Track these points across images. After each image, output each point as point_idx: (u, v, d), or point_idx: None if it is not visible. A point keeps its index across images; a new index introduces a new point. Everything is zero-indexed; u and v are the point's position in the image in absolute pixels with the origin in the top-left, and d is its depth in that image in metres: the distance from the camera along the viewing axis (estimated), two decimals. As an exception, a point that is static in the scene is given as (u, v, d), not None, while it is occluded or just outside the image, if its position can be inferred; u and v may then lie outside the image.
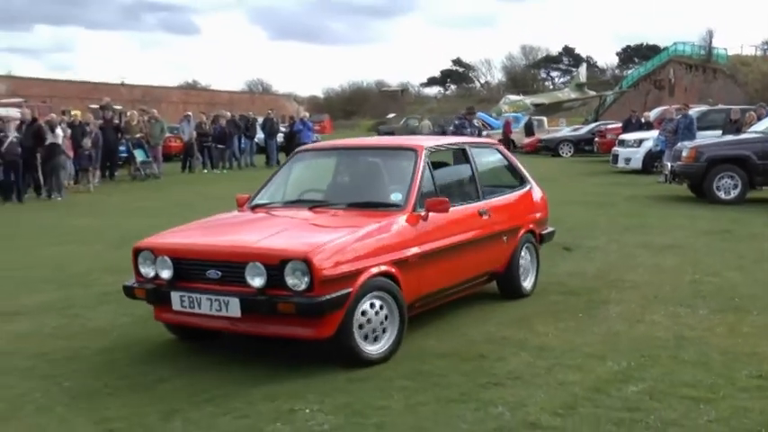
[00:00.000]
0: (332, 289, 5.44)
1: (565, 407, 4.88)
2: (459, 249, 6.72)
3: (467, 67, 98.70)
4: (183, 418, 4.90)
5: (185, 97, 64.68)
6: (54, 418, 4.93)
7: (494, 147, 8.57)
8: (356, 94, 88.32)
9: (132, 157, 24.59)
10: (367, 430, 4.63)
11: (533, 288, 7.91)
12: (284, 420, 4.80)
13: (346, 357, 5.71)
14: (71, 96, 48.14)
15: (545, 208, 8.43)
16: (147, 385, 5.46)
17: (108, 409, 5.06)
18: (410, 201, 6.42)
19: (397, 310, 5.93)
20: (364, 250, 5.79)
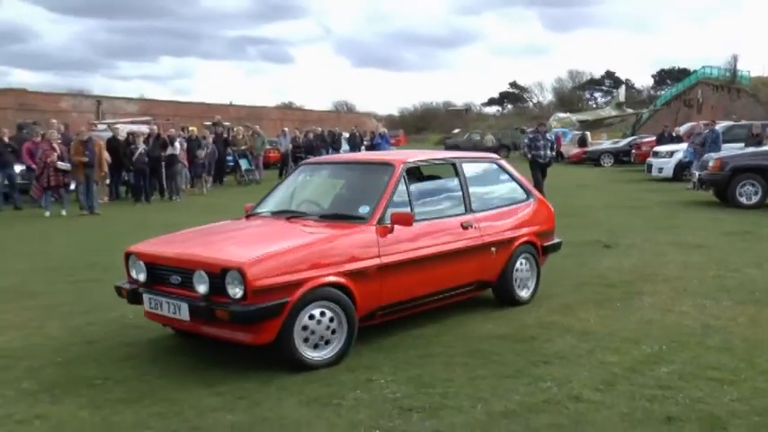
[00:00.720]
0: (266, 298, 4.99)
1: (604, 383, 4.82)
2: (434, 260, 6.07)
3: (521, 89, 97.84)
4: (277, 384, 4.95)
5: (282, 115, 65.23)
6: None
7: (494, 162, 7.62)
8: (426, 112, 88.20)
9: (238, 165, 24.95)
10: (433, 399, 4.61)
11: (532, 296, 7.13)
12: (363, 389, 4.82)
13: (288, 362, 5.20)
14: (189, 115, 48.98)
15: (549, 221, 7.55)
16: (251, 356, 5.54)
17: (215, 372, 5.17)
18: (375, 214, 5.81)
19: (345, 320, 5.37)
20: (309, 261, 5.25)
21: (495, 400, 4.58)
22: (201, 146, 21.71)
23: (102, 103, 46.16)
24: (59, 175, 16.20)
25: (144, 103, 55.04)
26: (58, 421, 4.45)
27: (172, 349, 5.84)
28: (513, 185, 7.44)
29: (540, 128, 16.29)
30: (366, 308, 5.62)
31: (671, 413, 4.32)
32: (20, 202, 17.85)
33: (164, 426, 4.34)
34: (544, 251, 7.43)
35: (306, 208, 6.47)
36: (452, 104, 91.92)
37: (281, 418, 4.40)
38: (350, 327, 5.42)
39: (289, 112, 70.83)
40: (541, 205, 7.52)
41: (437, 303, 6.41)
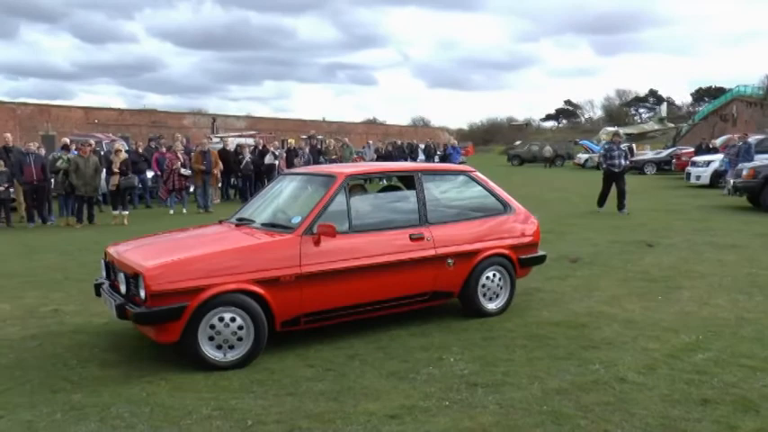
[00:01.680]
0: (165, 302, 4.65)
1: (647, 368, 4.67)
2: (369, 271, 5.38)
3: (575, 106, 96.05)
4: (360, 359, 4.96)
5: (367, 129, 65.60)
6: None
7: (466, 174, 6.60)
8: (492, 126, 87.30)
9: (329, 172, 25.17)
10: (496, 376, 4.55)
11: (504, 308, 6.22)
12: (435, 365, 4.79)
13: (193, 361, 4.84)
14: (288, 129, 49.73)
15: (530, 233, 6.48)
16: (339, 335, 5.58)
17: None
18: (303, 224, 5.27)
19: (252, 327, 4.90)
20: (217, 268, 4.83)
21: (549, 378, 4.50)
22: (298, 155, 21.96)
23: (217, 120, 47.31)
24: (182, 179, 16.72)
25: (250, 120, 56.15)
26: (178, 382, 4.58)
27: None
28: (486, 197, 6.49)
29: (615, 138, 15.08)
30: (286, 314, 5.12)
31: (707, 396, 4.16)
32: (150, 202, 18.46)
33: (264, 391, 4.40)
34: (522, 264, 6.41)
35: (258, 215, 5.98)
36: (514, 119, 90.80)
37: (363, 387, 4.40)
38: (257, 333, 4.93)
39: (373, 127, 71.16)
40: (520, 217, 6.50)
41: (383, 312, 5.66)
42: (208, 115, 54.12)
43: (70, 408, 4.20)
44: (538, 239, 6.58)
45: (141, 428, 3.88)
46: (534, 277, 7.66)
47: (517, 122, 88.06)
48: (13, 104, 45.23)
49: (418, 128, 78.80)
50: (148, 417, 4.03)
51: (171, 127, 44.47)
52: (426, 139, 36.93)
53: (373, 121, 79.78)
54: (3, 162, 14.09)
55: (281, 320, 5.12)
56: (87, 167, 14.06)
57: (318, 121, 62.67)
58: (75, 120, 45.65)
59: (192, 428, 3.85)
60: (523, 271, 6.54)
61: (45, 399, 4.35)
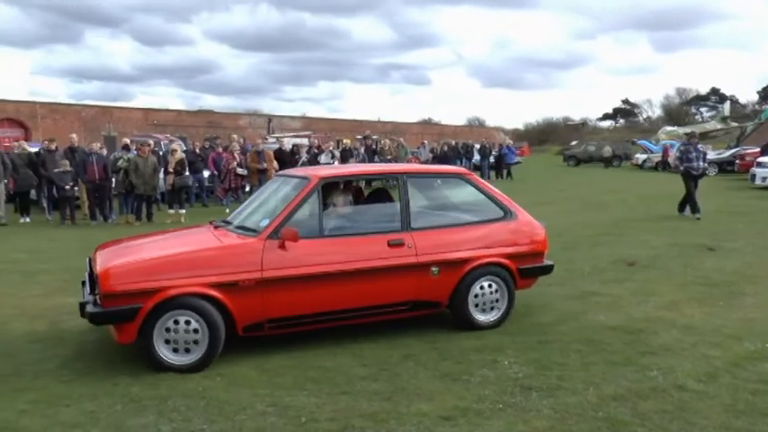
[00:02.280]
0: (119, 303, 4.65)
1: (707, 376, 4.54)
2: (338, 278, 5.14)
3: (633, 105, 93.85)
4: (414, 360, 4.96)
5: (422, 130, 65.48)
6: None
7: (461, 177, 6.18)
8: (547, 126, 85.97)
9: (384, 172, 25.23)
10: (550, 380, 4.50)
11: (500, 321, 5.80)
12: (489, 368, 4.76)
13: (151, 362, 4.81)
14: (343, 130, 50.03)
15: (534, 241, 6.01)
16: (394, 334, 5.58)
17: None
18: (268, 228, 5.12)
19: (206, 329, 4.81)
20: (173, 271, 4.78)
21: (605, 384, 4.41)
22: (353, 155, 22.10)
23: (272, 120, 47.86)
24: (238, 179, 17.03)
25: (305, 120, 56.68)
26: (233, 378, 4.67)
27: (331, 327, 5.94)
28: (483, 202, 6.06)
29: (692, 139, 14.13)
30: (248, 320, 4.99)
31: (773, 406, 4.02)
32: (207, 200, 18.81)
33: (317, 389, 4.44)
34: (523, 274, 5.94)
35: (239, 217, 5.86)
36: (570, 119, 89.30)
37: (416, 388, 4.40)
38: (212, 337, 4.83)
39: (428, 127, 71.05)
40: (522, 224, 6.03)
41: (360, 320, 5.43)
42: (264, 116, 54.81)
43: (129, 400, 4.32)
44: (544, 248, 6.12)
45: (197, 422, 3.96)
46: (590, 280, 7.55)
47: (573, 122, 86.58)
48: (78, 106, 46.72)
49: (473, 128, 78.26)
50: (204, 410, 4.12)
51: (227, 127, 45.21)
52: (481, 139, 36.62)
53: (428, 122, 79.55)
54: (68, 162, 14.60)
55: (242, 325, 5.01)
56: (146, 167, 14.41)
57: (373, 121, 62.84)
58: (136, 121, 46.84)
59: (246, 424, 3.91)
60: (526, 282, 6.07)
61: (106, 390, 4.48)
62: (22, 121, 42.56)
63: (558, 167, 39.72)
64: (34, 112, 43.25)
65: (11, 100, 43.33)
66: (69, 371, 4.88)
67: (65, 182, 14.34)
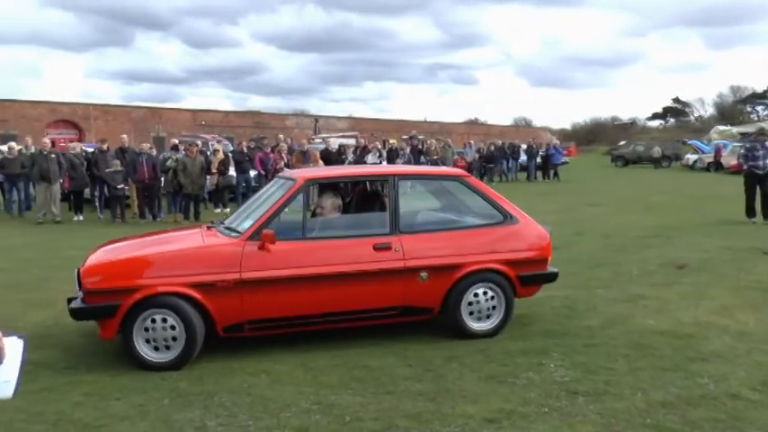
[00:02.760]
0: (99, 300, 4.77)
1: (763, 384, 4.39)
2: (320, 281, 5.09)
3: (683, 104, 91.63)
4: (459, 361, 4.93)
5: (468, 130, 65.20)
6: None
7: (457, 179, 5.96)
8: (595, 126, 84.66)
9: (430, 172, 25.18)
10: (597, 384, 4.42)
11: (496, 330, 5.55)
12: (534, 371, 4.71)
13: (130, 359, 4.88)
14: (390, 130, 50.09)
15: (535, 247, 5.71)
16: (439, 335, 5.57)
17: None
18: (249, 229, 5.13)
19: (183, 328, 4.84)
20: (152, 270, 4.88)
21: (653, 390, 4.32)
22: (399, 155, 22.12)
23: (319, 121, 48.16)
24: (285, 178, 17.18)
25: (352, 121, 56.99)
26: (278, 376, 4.71)
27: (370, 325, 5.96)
28: (481, 206, 5.86)
29: (760, 137, 13.00)
30: (227, 320, 5.00)
31: (831, 416, 3.88)
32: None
33: (362, 388, 4.45)
34: (523, 282, 5.66)
35: (232, 218, 5.88)
36: (618, 119, 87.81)
37: (461, 390, 4.38)
38: (189, 336, 4.86)
39: (474, 127, 70.77)
40: (523, 229, 5.74)
41: (345, 324, 5.36)
42: (310, 116, 55.29)
43: (177, 394, 4.40)
44: (547, 254, 5.80)
45: (242, 418, 4.01)
46: (638, 283, 7.42)
47: (621, 122, 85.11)
48: (128, 108, 47.88)
49: (520, 128, 77.61)
50: (249, 407, 4.17)
51: (274, 128, 45.69)
52: (528, 139, 36.29)
53: (475, 122, 79.19)
54: (119, 162, 14.99)
55: (221, 326, 5.03)
56: (194, 167, 14.68)
57: (420, 121, 62.86)
58: (184, 121, 47.68)
59: (291, 421, 3.95)
60: (527, 290, 5.79)
61: (154, 385, 4.58)
62: (77, 122, 43.74)
63: (605, 168, 39.13)
64: (87, 113, 44.41)
65: (66, 102, 44.65)
66: (120, 365, 4.98)
67: (116, 181, 14.74)
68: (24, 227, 13.99)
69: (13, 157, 15.99)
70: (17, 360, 2.49)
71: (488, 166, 27.08)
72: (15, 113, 40.75)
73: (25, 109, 41.82)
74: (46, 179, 14.77)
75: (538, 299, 6.71)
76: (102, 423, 3.99)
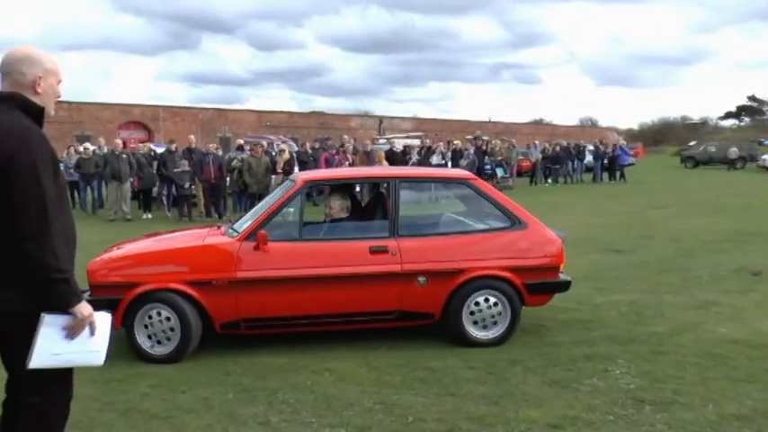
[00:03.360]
0: (103, 293, 4.99)
1: (844, 397, 4.17)
2: (313, 282, 5.12)
3: (760, 102, 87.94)
4: (523, 365, 4.88)
5: (533, 130, 64.49)
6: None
7: (464, 182, 5.80)
8: (664, 126, 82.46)
9: (494, 173, 24.97)
10: (665, 394, 4.29)
11: (501, 339, 5.36)
12: (599, 377, 4.61)
13: (132, 350, 5.10)
14: (454, 130, 49.94)
15: (546, 254, 5.47)
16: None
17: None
18: (246, 230, 5.24)
19: (179, 323, 5.02)
20: (152, 267, 5.12)
21: (726, 402, 4.16)
22: (464, 156, 22.01)
23: (383, 121, 48.32)
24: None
25: (416, 121, 57.04)
26: (341, 374, 4.75)
27: (434, 326, 5.96)
28: (487, 210, 5.70)
29: None
30: (223, 317, 5.13)
31: None
32: (319, 200, 19.19)
33: (425, 389, 4.44)
34: (532, 290, 5.42)
35: (242, 219, 5.95)
36: (689, 118, 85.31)
37: (524, 394, 4.33)
38: (184, 332, 5.03)
39: (539, 127, 69.96)
40: (533, 235, 5.50)
41: (342, 326, 5.37)
42: (374, 117, 55.57)
43: (241, 389, 4.49)
44: (558, 262, 5.51)
45: (305, 415, 4.06)
46: (709, 289, 7.19)
47: (692, 121, 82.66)
48: (195, 109, 49.04)
49: (585, 128, 76.30)
50: (312, 404, 4.22)
51: (339, 128, 46.13)
52: (594, 139, 35.56)
53: (540, 122, 78.24)
54: (186, 162, 15.39)
55: (219, 323, 5.16)
56: (259, 167, 14.92)
57: (484, 121, 62.50)
58: (249, 122, 48.54)
59: (354, 420, 3.98)
60: (536, 298, 5.54)
61: (219, 379, 4.69)
62: (146, 123, 45.06)
63: (674, 169, 38.01)
64: (156, 115, 45.70)
65: (136, 104, 46.07)
66: (186, 359, 5.12)
67: (183, 181, 15.15)
68: (97, 224, 14.48)
69: (88, 158, 16.70)
70: (106, 333, 2.79)
71: (553, 166, 26.65)
72: (90, 115, 42.26)
73: (99, 111, 43.33)
74: (117, 178, 15.30)
75: (603, 304, 6.61)
76: (169, 414, 4.10)
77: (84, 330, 2.68)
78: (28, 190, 2.52)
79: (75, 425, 3.95)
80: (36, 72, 2.67)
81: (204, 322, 5.16)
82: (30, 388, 2.71)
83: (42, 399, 2.71)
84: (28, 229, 2.51)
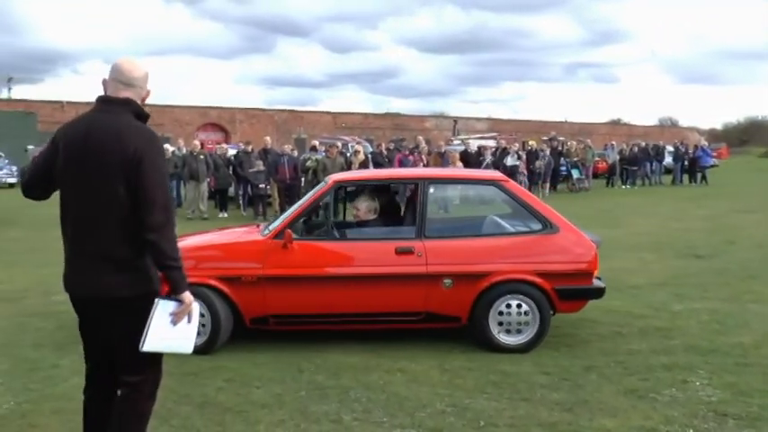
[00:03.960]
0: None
1: None
2: (337, 281, 5.19)
3: None
4: (598, 372, 4.78)
5: (610, 130, 62.97)
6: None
7: (494, 183, 5.66)
8: (750, 125, 78.90)
9: (570, 174, 24.53)
10: (750, 408, 4.10)
11: (529, 345, 5.23)
12: (678, 388, 4.46)
13: None
14: (529, 131, 49.31)
15: (579, 260, 5.27)
16: (572, 345, 5.44)
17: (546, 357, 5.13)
18: (276, 228, 5.38)
19: (210, 318, 5.20)
20: (186, 261, 5.07)
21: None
22: (539, 157, 21.70)
23: (458, 122, 48.14)
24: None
25: (491, 122, 56.61)
26: (414, 375, 4.75)
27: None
28: (518, 213, 5.60)
29: None
30: (252, 312, 5.29)
31: None
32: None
33: (498, 393, 4.40)
34: (562, 296, 5.27)
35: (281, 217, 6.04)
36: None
37: (599, 402, 4.23)
38: (214, 324, 5.23)
39: (616, 128, 68.30)
40: (566, 239, 5.33)
41: (368, 325, 5.42)
42: (449, 118, 55.38)
43: (314, 387, 4.55)
44: (591, 268, 5.31)
45: (377, 414, 4.09)
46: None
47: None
48: (271, 111, 49.98)
49: (665, 128, 73.93)
50: (384, 404, 4.24)
51: (413, 129, 46.16)
52: (674, 140, 34.43)
53: (617, 122, 76.28)
54: (262, 162, 15.74)
55: (249, 317, 5.33)
56: (334, 167, 15.06)
57: (560, 122, 61.47)
58: (324, 124, 49.14)
59: (426, 421, 3.98)
60: (568, 305, 5.38)
61: (292, 376, 4.77)
62: (223, 125, 46.26)
63: (761, 171, 36.36)
64: (233, 117, 46.83)
65: (214, 106, 47.34)
66: (261, 355, 5.23)
67: (259, 181, 15.52)
68: (178, 223, 14.93)
69: (167, 159, 17.17)
70: (196, 322, 3.03)
71: (631, 168, 25.86)
72: (170, 118, 43.64)
73: (179, 113, 44.73)
74: (195, 178, 15.78)
75: (682, 311, 6.41)
76: (243, 409, 4.20)
77: (184, 317, 2.92)
78: (157, 186, 2.78)
79: (153, 415, 4.07)
80: (148, 88, 2.99)
81: (235, 317, 5.35)
82: (128, 370, 2.94)
83: (140, 378, 2.96)
84: (155, 221, 2.75)
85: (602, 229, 12.43)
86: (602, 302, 6.70)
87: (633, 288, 7.40)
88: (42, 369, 5.01)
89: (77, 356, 5.22)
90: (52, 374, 4.89)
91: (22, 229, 13.03)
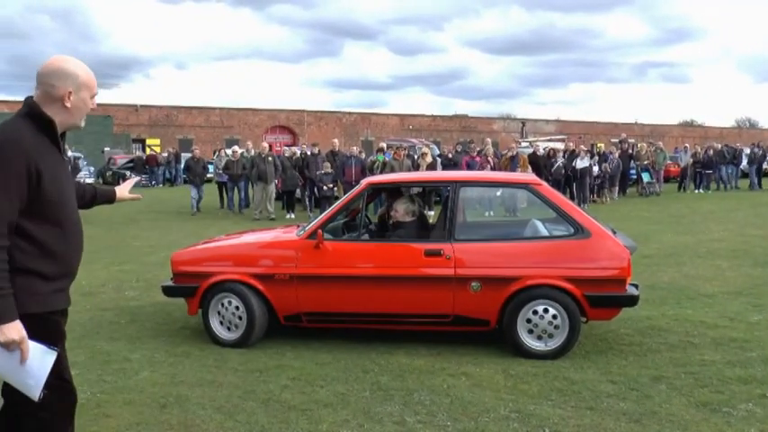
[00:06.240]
0: (183, 281, 5.68)
1: None
2: (367, 281, 5.26)
3: None
4: (667, 383, 4.63)
5: (683, 132, 61.26)
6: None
7: (528, 187, 5.57)
8: (840, 126, 75.44)
9: (640, 178, 23.89)
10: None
11: (559, 352, 5.12)
12: (756, 403, 4.26)
13: (208, 335, 5.66)
14: (598, 133, 48.51)
15: (611, 266, 5.09)
16: (640, 354, 5.29)
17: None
18: (309, 229, 5.54)
19: (246, 313, 5.47)
20: (219, 260, 5.67)
21: None
22: (607, 160, 21.23)
23: (526, 124, 47.61)
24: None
25: (559, 124, 55.81)
26: (478, 379, 4.73)
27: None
28: (550, 216, 5.51)
29: None
30: (285, 310, 5.49)
31: None
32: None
33: (563, 400, 4.33)
34: (592, 303, 5.10)
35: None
36: None
37: (669, 414, 4.11)
38: (249, 319, 5.46)
39: (690, 130, 66.36)
40: (598, 245, 5.15)
41: (397, 326, 5.50)
42: (517, 120, 54.82)
43: (378, 388, 4.57)
44: (625, 275, 5.12)
45: (441, 417, 4.07)
46: None
47: None
48: (339, 114, 50.46)
49: (743, 129, 71.37)
50: (448, 408, 4.22)
51: (481, 131, 45.96)
52: (751, 142, 33.13)
53: (690, 123, 74.06)
54: (329, 164, 15.88)
55: (282, 314, 5.53)
56: (401, 169, 15.13)
57: (630, 123, 60.11)
58: (392, 126, 49.33)
59: (489, 426, 3.94)
60: (600, 312, 5.22)
61: (356, 377, 4.80)
62: (291, 127, 46.97)
63: None
64: (302, 119, 47.50)
65: (282, 109, 48.14)
66: (325, 355, 5.29)
67: (325, 182, 15.65)
68: (243, 223, 15.19)
69: (236, 160, 17.63)
70: (44, 368, 2.50)
71: (705, 172, 24.91)
72: (239, 120, 44.62)
73: (248, 116, 45.67)
74: (263, 180, 16.07)
75: (760, 322, 6.16)
76: (307, 407, 4.25)
77: (16, 354, 2.43)
78: None
79: (219, 409, 4.21)
80: (67, 86, 2.57)
81: (270, 313, 5.55)
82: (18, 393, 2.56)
83: (34, 406, 2.56)
84: None
85: (674, 235, 12.10)
86: (673, 311, 6.54)
87: (706, 296, 7.16)
88: (116, 362, 5.20)
89: (148, 351, 5.45)
90: (125, 367, 5.07)
91: (97, 228, 13.50)
